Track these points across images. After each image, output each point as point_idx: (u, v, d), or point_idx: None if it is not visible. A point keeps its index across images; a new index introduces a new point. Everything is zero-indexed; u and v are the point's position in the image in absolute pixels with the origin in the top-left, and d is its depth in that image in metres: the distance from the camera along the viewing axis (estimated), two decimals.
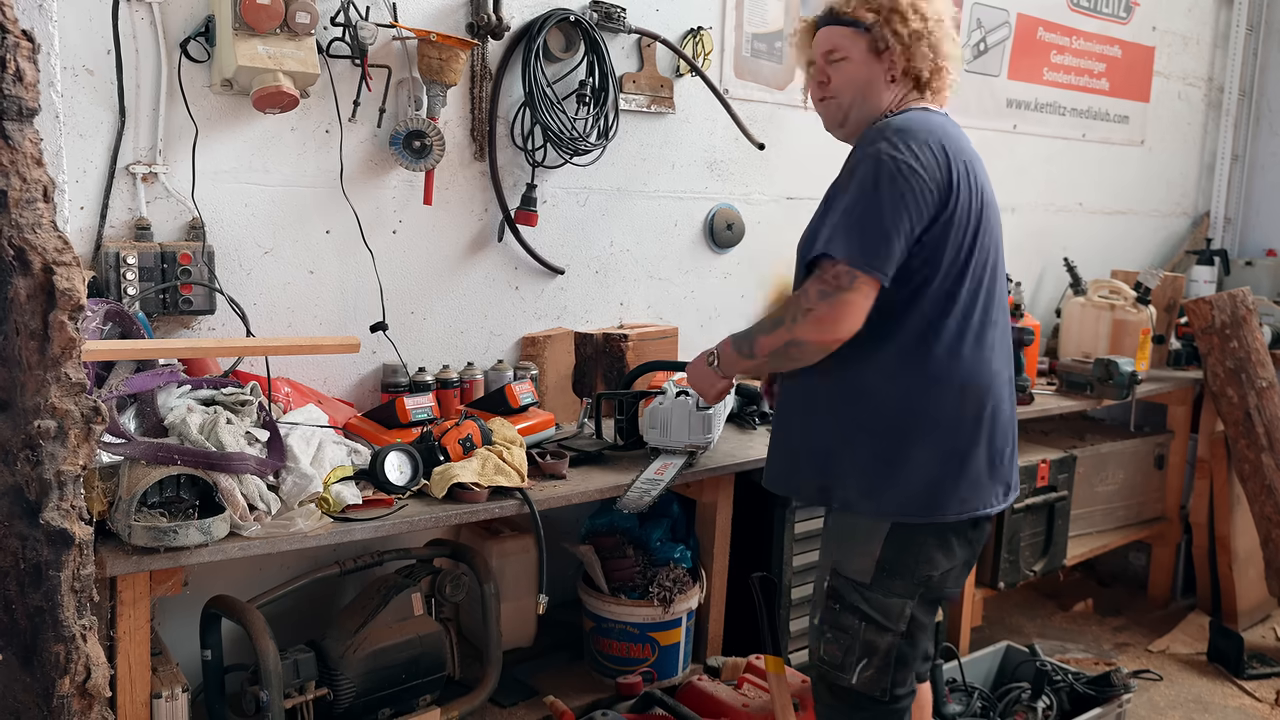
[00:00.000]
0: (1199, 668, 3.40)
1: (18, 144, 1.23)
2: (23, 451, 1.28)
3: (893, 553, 1.84)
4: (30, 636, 1.34)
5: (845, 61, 1.91)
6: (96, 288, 2.01)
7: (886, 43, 1.86)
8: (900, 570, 1.84)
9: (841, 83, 1.92)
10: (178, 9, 2.08)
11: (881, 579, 1.85)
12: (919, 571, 1.85)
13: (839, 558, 1.90)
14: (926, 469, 1.82)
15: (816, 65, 1.96)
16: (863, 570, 1.86)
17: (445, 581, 2.26)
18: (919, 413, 1.82)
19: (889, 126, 1.81)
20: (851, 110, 1.93)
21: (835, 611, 1.88)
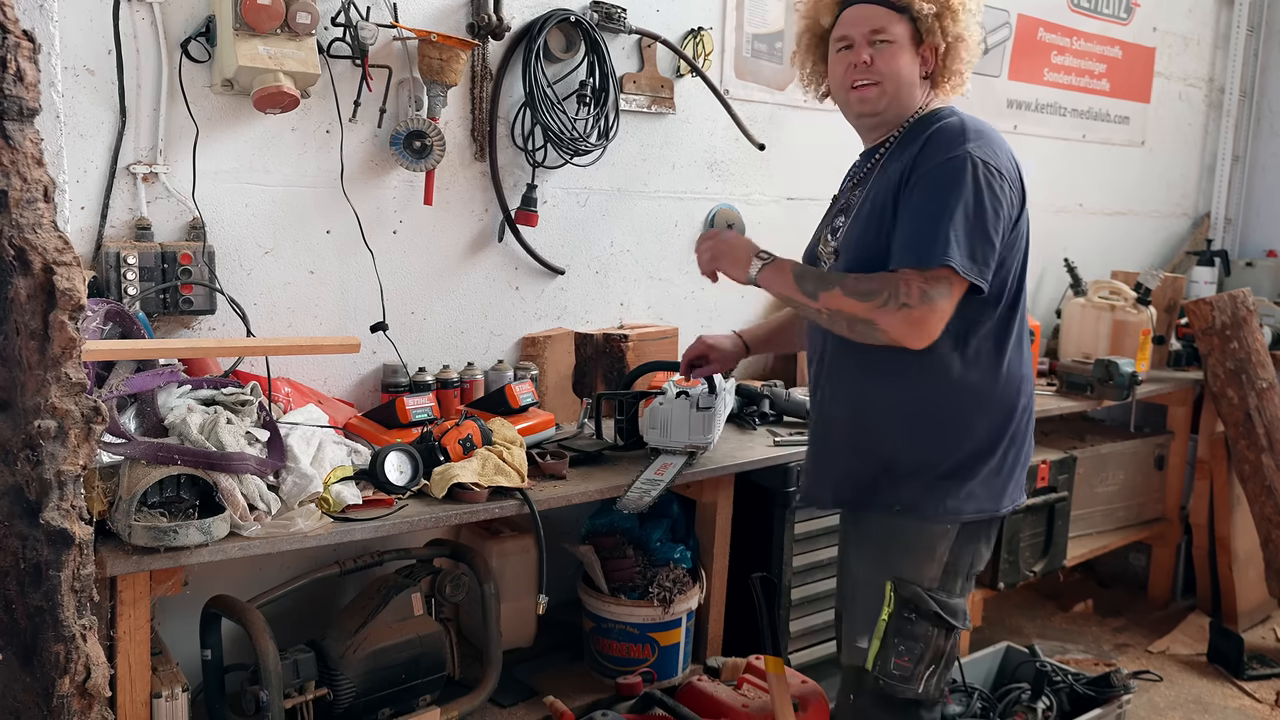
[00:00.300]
0: (1199, 668, 3.40)
1: (18, 144, 1.23)
2: (23, 451, 1.28)
3: (957, 553, 1.83)
4: (30, 636, 1.34)
5: (893, 47, 1.83)
6: (97, 287, 2.01)
7: (935, 38, 1.82)
8: (961, 568, 1.85)
9: (888, 69, 1.83)
10: (178, 9, 2.08)
11: (947, 581, 1.83)
12: (974, 567, 1.88)
13: (902, 566, 1.83)
14: (991, 465, 1.83)
15: (854, 44, 1.85)
16: (931, 576, 1.82)
17: (445, 581, 2.26)
18: (991, 411, 1.82)
19: (962, 127, 1.77)
20: (891, 102, 1.85)
21: (910, 622, 1.81)
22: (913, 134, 1.83)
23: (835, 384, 1.92)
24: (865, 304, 1.70)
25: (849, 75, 1.87)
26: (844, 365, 1.89)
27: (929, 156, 1.75)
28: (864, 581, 1.88)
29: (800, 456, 2.45)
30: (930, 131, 1.79)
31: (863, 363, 1.84)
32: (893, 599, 1.82)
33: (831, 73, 1.93)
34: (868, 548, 1.89)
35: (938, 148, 1.75)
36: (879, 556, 1.86)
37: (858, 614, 1.89)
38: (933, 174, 1.72)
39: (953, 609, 1.83)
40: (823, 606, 2.61)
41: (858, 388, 1.87)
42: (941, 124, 1.79)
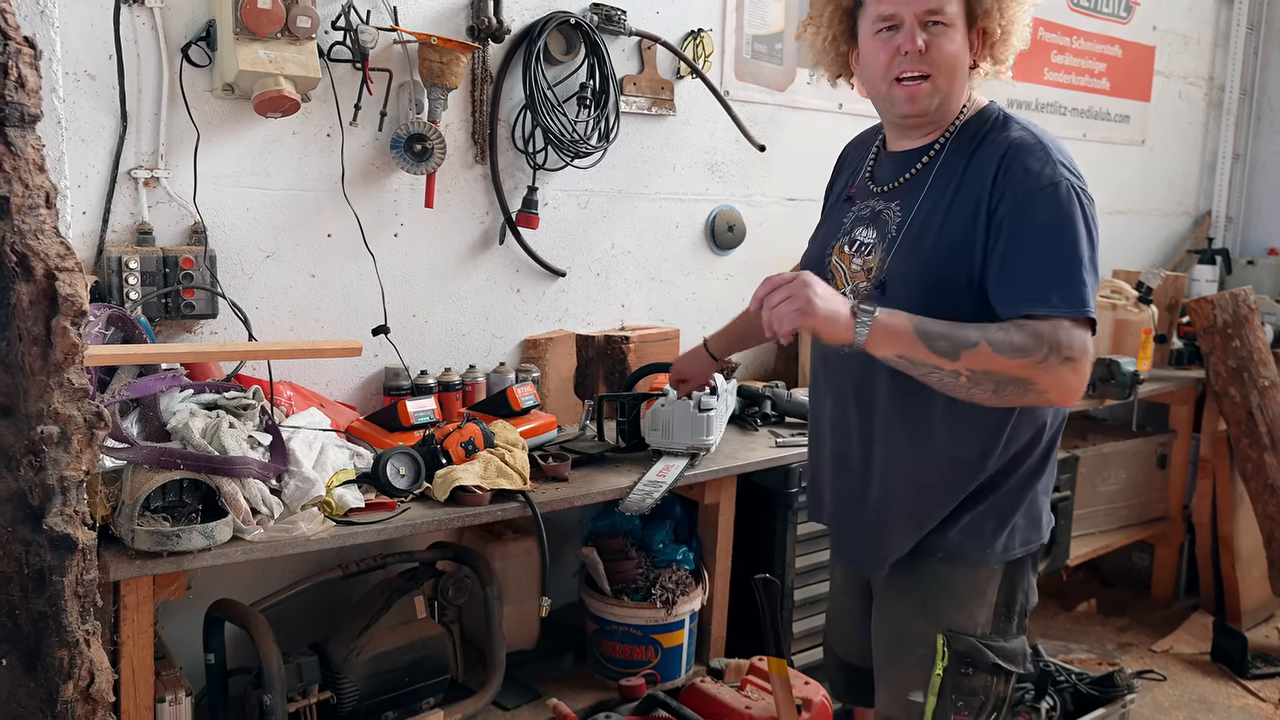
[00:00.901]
0: (1203, 668, 3.39)
1: (20, 150, 1.24)
2: (26, 457, 1.28)
3: (1007, 593, 1.68)
4: (34, 642, 1.34)
5: (949, 31, 1.55)
6: (99, 292, 2.01)
7: (992, 21, 1.58)
8: (1014, 607, 1.69)
9: (943, 59, 1.55)
10: (179, 14, 2.08)
11: (1000, 624, 1.67)
12: (1027, 602, 1.72)
13: (952, 616, 1.66)
14: (1031, 495, 1.68)
15: (903, 25, 1.55)
16: (984, 621, 1.66)
17: (448, 584, 2.26)
18: (1034, 443, 1.66)
19: (1037, 141, 1.55)
20: (943, 100, 1.59)
21: (967, 677, 1.65)
22: (966, 139, 1.60)
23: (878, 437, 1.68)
24: (1022, 361, 1.43)
25: (895, 65, 1.56)
26: (891, 418, 1.65)
27: (1020, 181, 1.51)
28: (910, 635, 1.70)
29: (801, 458, 2.45)
30: (1001, 145, 1.55)
31: (920, 419, 1.62)
32: (947, 654, 1.65)
33: (870, 59, 1.61)
34: (910, 599, 1.70)
35: (1027, 171, 1.51)
36: (924, 608, 1.68)
37: (903, 668, 1.71)
38: (1038, 206, 1.49)
39: (1011, 654, 1.68)
40: (826, 608, 2.61)
41: (915, 449, 1.64)
42: (1011, 135, 1.57)
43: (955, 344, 1.44)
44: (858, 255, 1.68)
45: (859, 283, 1.66)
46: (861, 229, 1.69)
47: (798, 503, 2.48)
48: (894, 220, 1.64)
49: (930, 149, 1.63)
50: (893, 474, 1.68)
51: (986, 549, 1.64)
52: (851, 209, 1.74)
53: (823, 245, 1.77)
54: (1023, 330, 1.45)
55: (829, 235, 1.77)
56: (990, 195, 1.52)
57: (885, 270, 1.61)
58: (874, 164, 1.75)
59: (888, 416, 1.66)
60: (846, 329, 1.45)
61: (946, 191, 1.58)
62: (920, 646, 1.68)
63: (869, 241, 1.66)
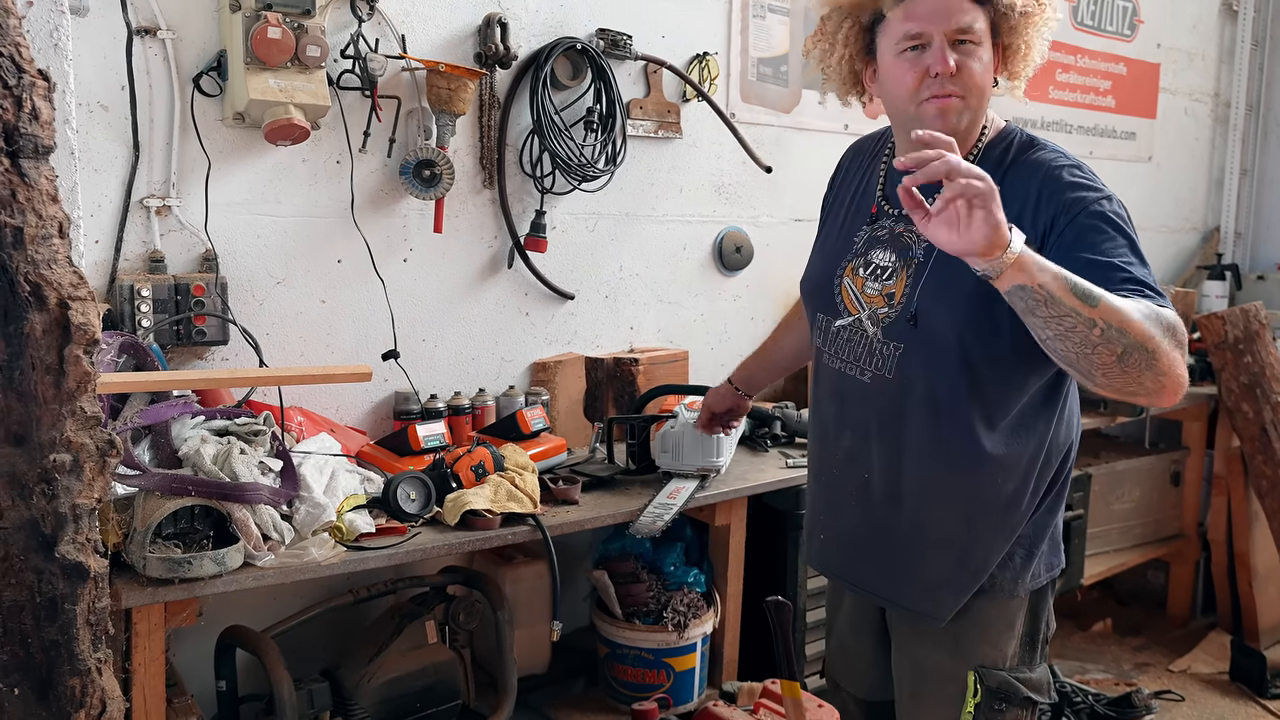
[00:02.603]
0: (1221, 687, 3.35)
1: (34, 181, 1.25)
2: (38, 485, 1.28)
3: (1031, 621, 1.64)
4: (46, 670, 1.34)
5: (979, 49, 1.48)
6: (111, 320, 2.02)
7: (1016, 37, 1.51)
8: (1036, 636, 1.65)
9: (974, 80, 1.48)
10: (190, 44, 2.11)
11: (1025, 654, 1.63)
12: (1049, 630, 1.68)
13: (984, 652, 1.60)
14: (1055, 521, 1.65)
15: (931, 44, 1.46)
16: (1012, 654, 1.62)
17: (459, 609, 2.25)
18: (1069, 466, 1.63)
19: (1069, 158, 1.51)
20: (971, 120, 1.52)
21: (1001, 713, 1.60)
22: (994, 161, 1.52)
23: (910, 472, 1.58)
24: (1148, 328, 1.26)
25: (925, 87, 1.47)
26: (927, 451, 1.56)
27: (1073, 204, 1.42)
28: (938, 673, 1.63)
29: None
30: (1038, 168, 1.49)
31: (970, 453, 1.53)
32: (979, 690, 1.59)
33: (895, 80, 1.51)
34: (936, 637, 1.62)
35: (1077, 191, 1.44)
36: (953, 645, 1.61)
37: (931, 705, 1.64)
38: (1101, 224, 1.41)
39: (1038, 685, 1.64)
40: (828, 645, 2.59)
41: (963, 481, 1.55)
42: (1045, 157, 1.51)
43: (1092, 291, 1.26)
44: (874, 279, 1.58)
45: (876, 308, 1.56)
46: (878, 251, 1.59)
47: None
48: (918, 244, 1.54)
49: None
50: (925, 501, 1.58)
51: (1018, 579, 1.60)
52: (864, 228, 1.64)
53: (830, 265, 1.67)
54: (1141, 301, 1.31)
55: (837, 254, 1.66)
56: (1036, 219, 1.44)
57: (917, 302, 1.51)
58: (885, 181, 1.64)
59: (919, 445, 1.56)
60: (1003, 233, 1.23)
61: None
62: (949, 684, 1.61)
63: (887, 265, 1.57)
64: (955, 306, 1.48)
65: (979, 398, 1.51)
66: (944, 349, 1.50)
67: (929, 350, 1.51)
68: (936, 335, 1.48)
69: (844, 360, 1.62)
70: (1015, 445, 1.52)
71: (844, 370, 1.62)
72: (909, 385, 1.54)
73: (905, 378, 1.54)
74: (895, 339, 1.54)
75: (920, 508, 1.58)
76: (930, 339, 1.49)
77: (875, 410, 1.59)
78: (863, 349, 1.59)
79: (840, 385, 1.64)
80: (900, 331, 1.53)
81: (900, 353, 1.54)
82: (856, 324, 1.60)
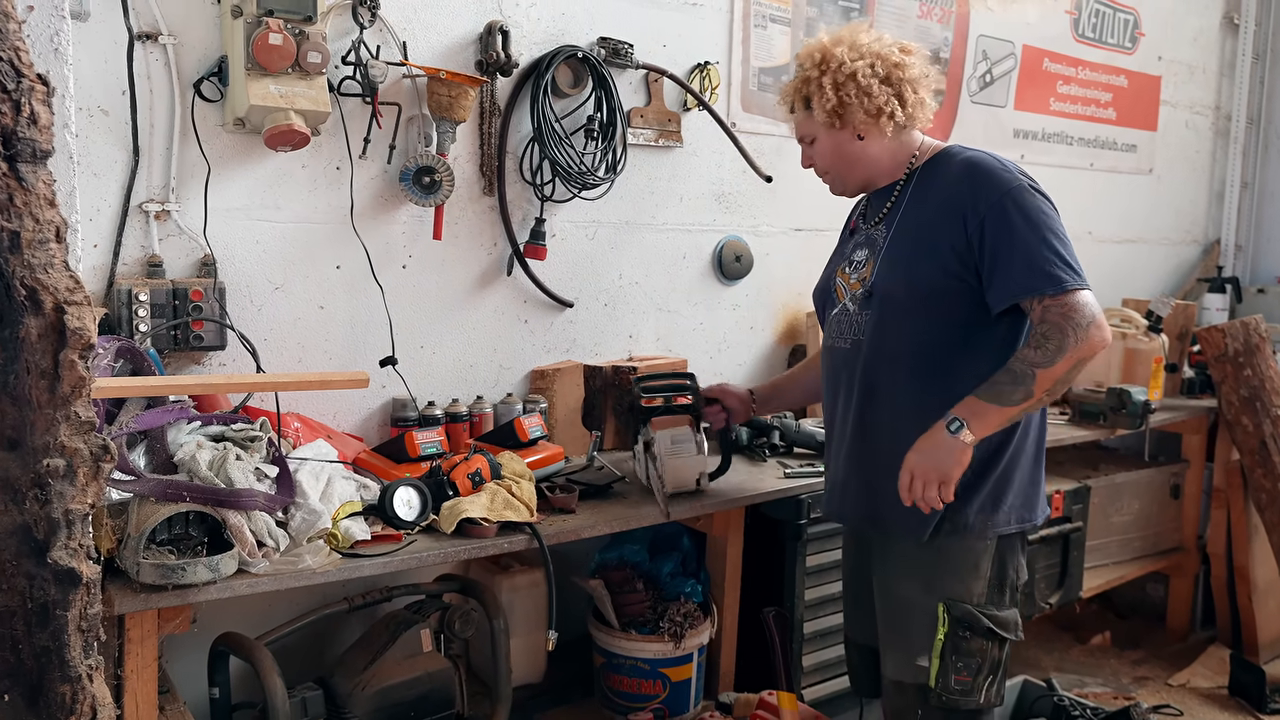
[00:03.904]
0: (1220, 702, 3.34)
1: (31, 186, 1.24)
2: (31, 490, 1.27)
3: (999, 567, 1.92)
4: (36, 677, 1.33)
5: (817, 145, 2.02)
6: (109, 324, 2.02)
7: (851, 115, 1.92)
8: (1005, 581, 1.93)
9: (822, 163, 2.04)
10: (191, 50, 2.11)
11: (993, 595, 1.92)
12: (1018, 580, 1.96)
13: (951, 587, 1.90)
14: (1025, 477, 1.95)
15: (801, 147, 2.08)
16: (979, 593, 1.91)
17: (454, 617, 2.24)
18: (1027, 424, 1.92)
19: (993, 158, 1.89)
20: (857, 182, 2.04)
21: (966, 640, 1.89)
22: (930, 172, 1.95)
23: (881, 409, 1.95)
24: (1065, 355, 1.74)
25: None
26: (892, 391, 1.93)
27: (985, 192, 1.83)
28: (914, 606, 1.93)
29: (811, 488, 2.44)
30: (964, 168, 1.89)
31: (914, 389, 1.90)
32: (947, 619, 1.89)
33: None
34: (912, 572, 1.94)
35: (988, 182, 1.84)
36: (925, 580, 1.92)
37: (909, 635, 1.94)
38: (1006, 207, 1.81)
39: (1004, 622, 1.92)
40: (836, 640, 2.57)
41: (905, 414, 1.90)
42: (969, 158, 1.91)
43: (1018, 386, 1.77)
44: (854, 271, 2.02)
45: (855, 291, 1.99)
46: (858, 252, 2.03)
47: (807, 534, 2.46)
48: (881, 239, 1.98)
49: (898, 183, 1.99)
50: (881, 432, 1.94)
51: (987, 524, 1.90)
52: (853, 239, 2.10)
53: (831, 271, 2.12)
54: (1044, 335, 1.77)
55: (836, 262, 2.13)
56: (959, 204, 1.85)
57: (874, 280, 1.94)
58: (866, 204, 2.10)
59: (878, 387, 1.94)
60: (958, 458, 1.78)
61: (918, 209, 1.92)
62: (922, 617, 1.91)
63: (862, 259, 2.01)
64: (898, 278, 1.90)
65: (924, 347, 1.89)
66: (896, 310, 1.90)
67: (886, 312, 1.91)
68: (890, 299, 1.91)
69: (834, 337, 2.04)
70: (955, 391, 1.83)
71: (834, 345, 2.04)
72: (874, 343, 1.93)
73: (871, 337, 1.94)
74: (865, 309, 1.96)
75: (886, 440, 1.92)
76: (886, 303, 1.91)
77: (849, 367, 1.99)
78: (846, 324, 2.00)
79: (833, 359, 2.05)
80: (868, 302, 1.95)
81: (868, 319, 1.95)
82: (844, 308, 2.02)
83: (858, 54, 1.92)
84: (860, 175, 2.01)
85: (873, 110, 1.91)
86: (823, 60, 1.93)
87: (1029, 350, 1.78)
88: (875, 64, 1.92)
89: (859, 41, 1.93)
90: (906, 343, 1.90)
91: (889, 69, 1.92)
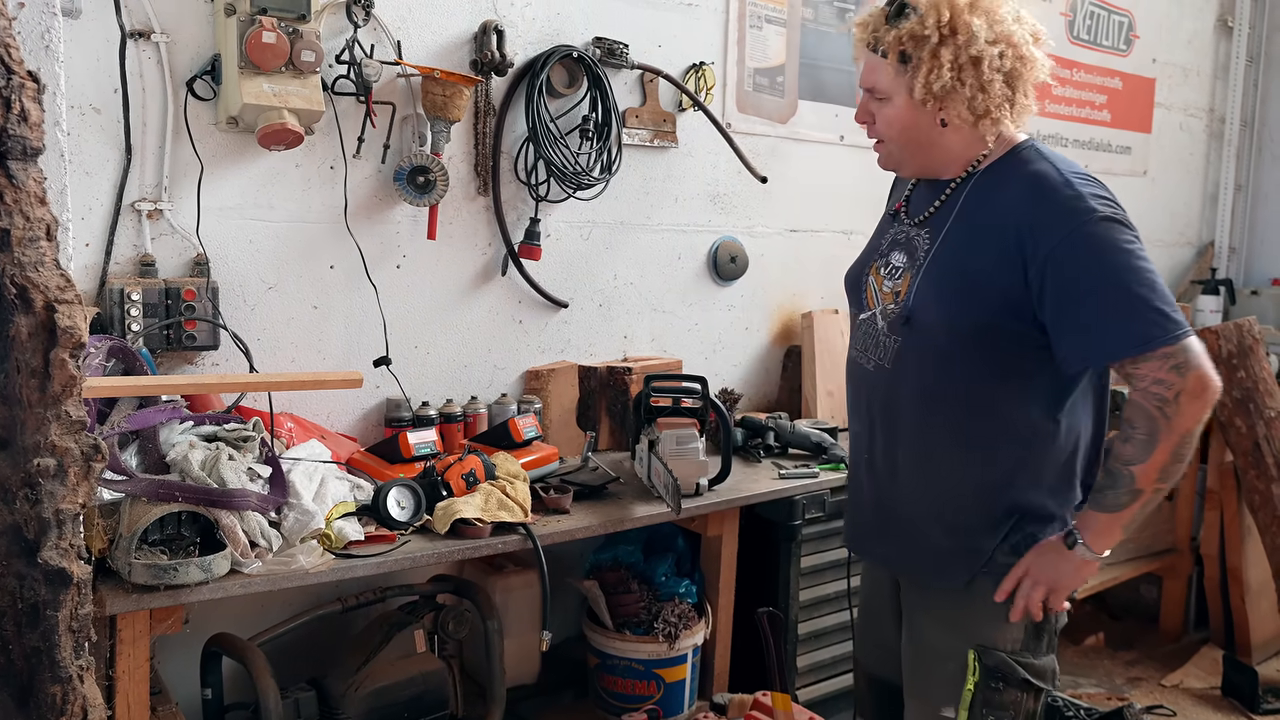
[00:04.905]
0: (1213, 702, 3.34)
1: (21, 183, 1.24)
2: (21, 490, 1.27)
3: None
4: (27, 677, 1.32)
5: (885, 105, 1.66)
6: (101, 324, 2.01)
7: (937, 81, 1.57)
8: (1044, 625, 1.70)
9: (886, 127, 1.67)
10: (184, 48, 2.10)
11: (1029, 641, 1.69)
12: (1057, 621, 1.73)
13: (984, 632, 1.68)
14: (1066, 511, 1.70)
15: (860, 99, 1.70)
16: (1015, 639, 1.68)
17: (448, 618, 2.24)
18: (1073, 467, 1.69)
19: (1060, 175, 1.58)
20: (914, 164, 1.70)
21: (998, 691, 1.67)
22: (992, 179, 1.64)
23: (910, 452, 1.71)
24: (1160, 447, 1.51)
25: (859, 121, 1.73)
26: (923, 434, 1.69)
27: (1050, 227, 1.52)
28: (942, 651, 1.71)
29: (806, 489, 2.43)
30: (1028, 189, 1.58)
31: (950, 438, 1.67)
32: (977, 669, 1.67)
33: None
34: (941, 615, 1.72)
35: (1054, 214, 1.53)
36: (956, 624, 1.70)
37: (934, 683, 1.73)
38: (1075, 248, 1.51)
39: (1041, 670, 1.70)
40: (830, 641, 2.58)
41: (945, 464, 1.68)
42: (1036, 175, 1.60)
43: (1126, 488, 1.56)
44: (889, 277, 1.74)
45: (887, 304, 1.72)
46: (896, 252, 1.75)
47: (801, 535, 2.46)
48: (922, 247, 1.69)
49: (955, 181, 1.68)
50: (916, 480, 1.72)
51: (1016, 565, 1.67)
52: (890, 231, 1.80)
53: (862, 264, 1.84)
54: (1134, 420, 1.53)
55: (869, 254, 1.84)
56: (1017, 241, 1.55)
57: (911, 301, 1.66)
58: (912, 190, 1.80)
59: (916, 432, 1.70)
60: (1086, 569, 1.63)
61: (969, 223, 1.63)
62: (950, 662, 1.69)
63: (900, 265, 1.72)
64: (943, 308, 1.62)
65: (961, 391, 1.64)
66: (931, 347, 1.64)
67: (921, 346, 1.65)
68: (927, 333, 1.64)
69: (859, 349, 1.78)
70: (996, 437, 1.64)
71: (857, 359, 1.79)
72: (903, 375, 1.68)
73: (900, 369, 1.68)
74: (895, 333, 1.69)
75: (913, 485, 1.72)
76: (921, 336, 1.64)
77: (878, 396, 1.74)
78: (872, 340, 1.74)
79: (855, 373, 1.81)
80: (899, 327, 1.68)
81: (898, 346, 1.68)
82: (872, 318, 1.75)
83: (993, 34, 1.57)
84: (923, 162, 1.69)
85: (980, 109, 1.60)
86: (951, 24, 1.56)
87: (1120, 444, 1.55)
88: (1006, 54, 1.58)
89: (997, 13, 1.58)
90: (943, 386, 1.65)
91: (1015, 63, 1.60)
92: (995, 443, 1.64)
